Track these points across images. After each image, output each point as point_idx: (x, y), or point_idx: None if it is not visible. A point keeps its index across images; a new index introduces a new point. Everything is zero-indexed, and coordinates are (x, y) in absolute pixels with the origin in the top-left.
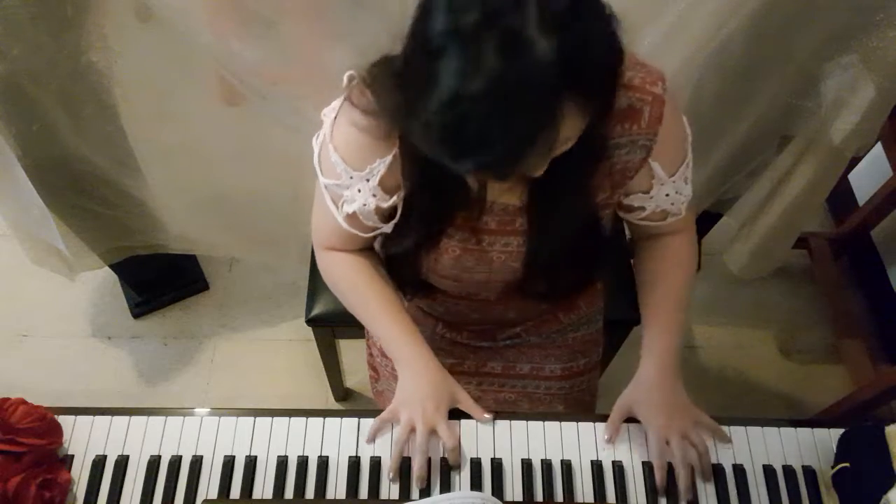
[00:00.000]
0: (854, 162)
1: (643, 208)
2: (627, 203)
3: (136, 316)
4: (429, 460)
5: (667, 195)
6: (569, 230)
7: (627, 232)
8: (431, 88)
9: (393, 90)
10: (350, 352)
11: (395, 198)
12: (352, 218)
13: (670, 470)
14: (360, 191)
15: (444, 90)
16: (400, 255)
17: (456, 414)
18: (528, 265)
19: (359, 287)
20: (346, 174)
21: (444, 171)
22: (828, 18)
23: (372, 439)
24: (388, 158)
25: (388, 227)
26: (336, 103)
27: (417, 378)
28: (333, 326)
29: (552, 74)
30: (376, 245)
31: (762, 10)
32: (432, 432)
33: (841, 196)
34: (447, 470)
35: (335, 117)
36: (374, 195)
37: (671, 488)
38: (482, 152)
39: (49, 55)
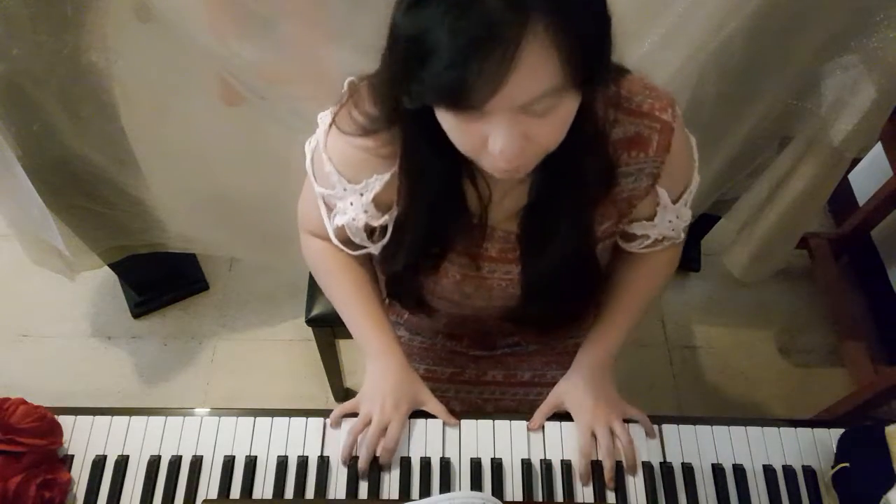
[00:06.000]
0: (854, 162)
1: (647, 237)
2: (630, 231)
3: (136, 316)
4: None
5: (669, 221)
6: (562, 260)
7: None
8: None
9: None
10: (350, 352)
11: (385, 217)
12: (341, 230)
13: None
14: (352, 204)
15: None
16: (401, 278)
17: (456, 415)
18: (524, 294)
19: (337, 274)
20: (341, 185)
21: (442, 188)
22: (828, 19)
23: (335, 424)
24: (386, 176)
25: (374, 249)
26: (331, 112)
27: (382, 374)
28: (333, 326)
29: None
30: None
31: (762, 11)
32: (385, 429)
33: (841, 196)
34: (447, 470)
35: (330, 124)
36: (366, 211)
37: (619, 483)
38: (436, 56)
39: (49, 55)
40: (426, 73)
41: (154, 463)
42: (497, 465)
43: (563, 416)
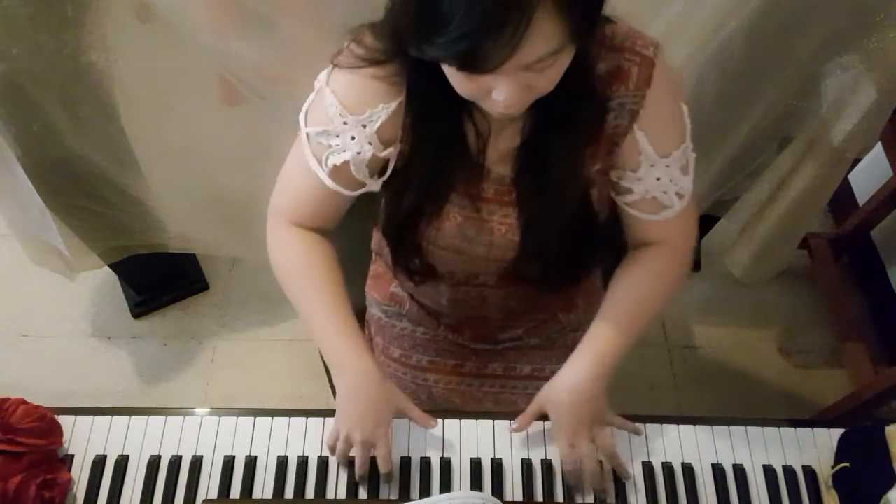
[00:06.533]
0: (854, 162)
1: (631, 191)
2: (617, 181)
3: (136, 316)
4: (428, 461)
5: (658, 179)
6: (559, 204)
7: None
8: None
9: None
10: None
11: (390, 149)
12: (338, 171)
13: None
14: (353, 138)
15: None
16: (402, 229)
17: (456, 414)
18: (522, 240)
19: (308, 276)
20: (340, 119)
21: (445, 122)
22: (828, 19)
23: (334, 454)
24: (393, 105)
25: (375, 185)
26: (332, 61)
27: (356, 394)
28: None
29: None
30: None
31: (762, 11)
32: (376, 448)
33: (841, 196)
34: (447, 470)
35: (334, 65)
36: (370, 143)
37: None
38: (450, 27)
39: (49, 55)
40: (439, 38)
41: (154, 463)
42: (497, 465)
43: None
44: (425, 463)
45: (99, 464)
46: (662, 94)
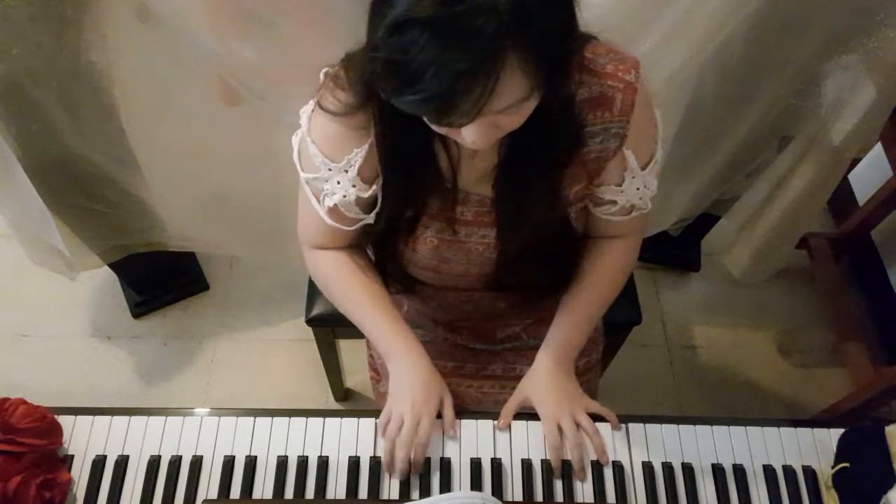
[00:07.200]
0: (854, 162)
1: (614, 202)
2: (599, 196)
3: (136, 316)
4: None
5: (637, 189)
6: (536, 223)
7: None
8: (384, 15)
9: (360, 55)
10: (350, 352)
11: (374, 187)
12: (333, 211)
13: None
14: (339, 182)
15: (394, 15)
16: (381, 246)
17: (457, 415)
18: (500, 257)
19: (348, 285)
20: (325, 167)
21: (415, 153)
22: (828, 19)
23: (384, 435)
24: (365, 147)
25: (370, 218)
26: (313, 101)
27: (409, 374)
28: (333, 326)
29: (500, 20)
30: None
31: (762, 11)
32: (419, 425)
33: (841, 196)
34: (447, 470)
35: (312, 111)
36: (354, 185)
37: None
38: (420, 86)
39: (49, 55)
40: (409, 95)
41: (154, 463)
42: (497, 465)
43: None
44: (425, 463)
45: (99, 464)
46: (644, 116)
